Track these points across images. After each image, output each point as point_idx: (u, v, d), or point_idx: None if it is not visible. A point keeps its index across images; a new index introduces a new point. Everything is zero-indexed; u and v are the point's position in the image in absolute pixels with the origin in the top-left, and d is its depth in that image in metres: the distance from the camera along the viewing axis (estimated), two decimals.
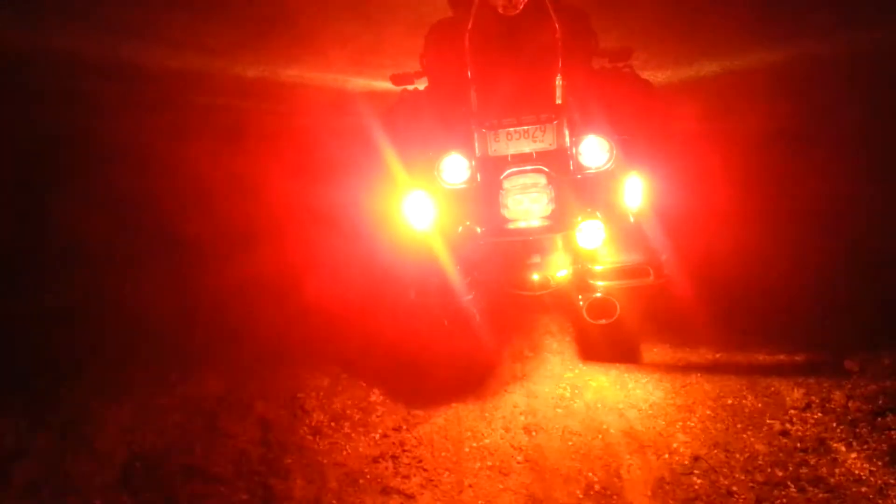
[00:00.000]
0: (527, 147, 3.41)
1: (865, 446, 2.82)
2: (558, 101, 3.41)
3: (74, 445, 3.15)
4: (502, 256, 3.51)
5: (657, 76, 6.00)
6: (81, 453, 3.11)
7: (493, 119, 3.39)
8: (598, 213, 3.32)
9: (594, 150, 3.41)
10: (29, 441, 3.18)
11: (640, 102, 3.93)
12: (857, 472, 2.72)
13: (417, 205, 3.43)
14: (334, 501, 2.85)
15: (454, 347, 3.64)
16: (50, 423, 3.27)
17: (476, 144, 3.44)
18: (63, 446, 3.16)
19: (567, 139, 3.41)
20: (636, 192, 3.42)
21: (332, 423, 3.28)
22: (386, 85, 4.35)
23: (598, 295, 3.35)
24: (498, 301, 3.68)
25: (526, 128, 3.38)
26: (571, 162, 3.42)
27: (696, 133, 4.83)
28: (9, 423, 3.28)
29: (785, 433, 2.97)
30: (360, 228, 4.03)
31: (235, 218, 4.65)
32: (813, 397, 3.14)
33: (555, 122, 3.37)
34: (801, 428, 2.99)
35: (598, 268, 3.39)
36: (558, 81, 3.41)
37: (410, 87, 4.12)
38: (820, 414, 3.05)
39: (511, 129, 3.38)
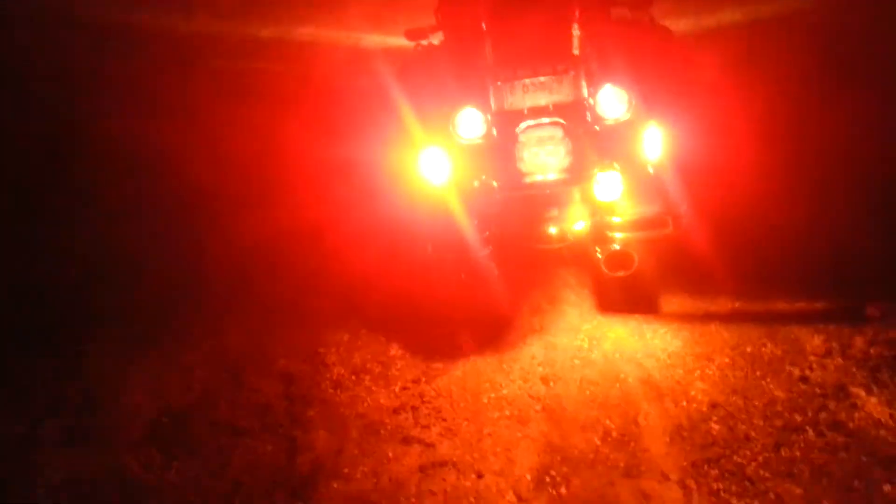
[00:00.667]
0: (543, 99, 3.37)
1: (885, 391, 2.81)
2: (575, 52, 3.36)
3: (101, 401, 3.25)
4: (519, 210, 3.50)
5: (678, 25, 5.85)
6: (108, 409, 3.21)
7: (508, 71, 3.35)
8: (615, 165, 3.28)
9: (612, 101, 3.36)
10: (58, 397, 3.28)
11: (660, 52, 3.85)
12: (877, 415, 2.71)
13: (433, 161, 3.41)
14: (356, 451, 2.91)
15: (472, 302, 3.66)
16: (77, 379, 3.38)
17: (491, 98, 3.40)
18: (90, 403, 3.26)
19: (584, 90, 3.36)
20: (655, 142, 3.36)
21: (353, 377, 3.34)
22: (401, 41, 4.30)
23: (616, 247, 3.33)
24: (515, 255, 3.68)
25: (542, 79, 3.34)
26: (589, 113, 3.37)
27: (716, 83, 4.73)
28: (38, 382, 3.39)
29: (804, 379, 2.97)
30: (376, 185, 4.04)
31: (254, 176, 4.69)
32: (833, 343, 3.13)
33: (572, 73, 3.32)
34: (820, 374, 2.98)
35: (616, 220, 3.37)
36: (575, 31, 3.34)
37: (425, 42, 4.08)
38: (840, 360, 3.03)
39: (527, 80, 3.33)
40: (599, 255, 3.36)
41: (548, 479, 2.67)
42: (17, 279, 4.09)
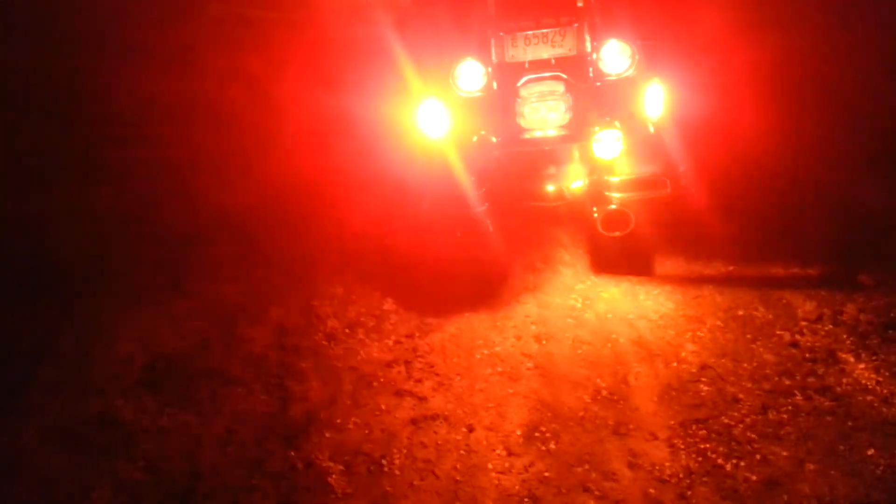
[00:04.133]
0: (545, 53, 3.31)
1: (874, 357, 2.84)
2: (579, 4, 3.28)
3: (95, 349, 3.26)
4: (517, 167, 3.47)
5: None
6: (102, 356, 3.23)
7: (510, 22, 3.28)
8: (616, 123, 3.24)
9: (615, 56, 3.30)
10: (51, 344, 3.29)
11: (664, 6, 3.78)
12: (864, 381, 2.74)
13: (432, 113, 3.36)
14: (349, 402, 2.94)
15: (467, 258, 3.65)
16: (71, 327, 3.38)
17: (492, 50, 3.34)
18: (84, 350, 3.27)
19: (588, 44, 3.29)
20: (657, 100, 3.32)
21: (347, 330, 3.34)
22: None
23: (613, 207, 3.31)
24: (511, 212, 3.66)
25: (545, 31, 3.27)
26: (591, 68, 3.32)
27: (721, 39, 4.65)
28: (30, 327, 3.39)
29: (794, 344, 2.99)
30: (373, 138, 3.99)
31: (250, 128, 4.60)
32: (825, 309, 3.14)
33: (575, 26, 3.25)
34: (810, 339, 3.00)
35: (614, 179, 3.34)
36: None
37: None
38: (831, 326, 3.05)
39: (529, 32, 3.27)
40: (596, 215, 3.34)
41: (537, 435, 2.71)
42: (13, 234, 4.06)
